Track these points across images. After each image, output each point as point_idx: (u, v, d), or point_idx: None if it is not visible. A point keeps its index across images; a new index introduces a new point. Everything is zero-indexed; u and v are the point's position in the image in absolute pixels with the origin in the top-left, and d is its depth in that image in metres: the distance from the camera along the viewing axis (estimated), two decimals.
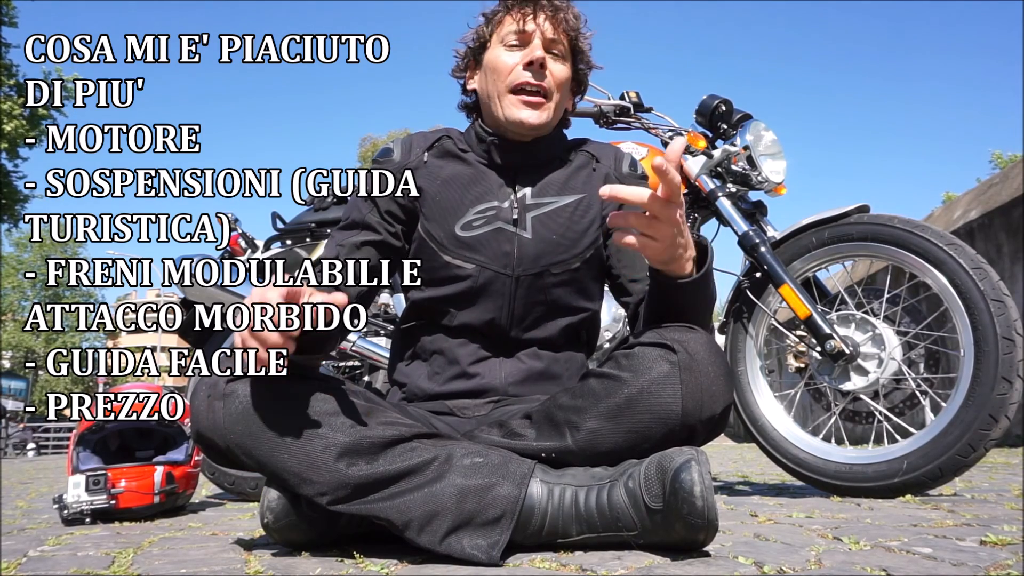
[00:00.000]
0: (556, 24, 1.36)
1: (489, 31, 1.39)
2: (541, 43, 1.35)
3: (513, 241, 1.34)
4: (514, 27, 1.35)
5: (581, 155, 1.44)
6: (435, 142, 1.42)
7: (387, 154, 1.41)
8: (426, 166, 1.39)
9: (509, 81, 1.34)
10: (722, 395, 1.14)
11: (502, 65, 1.35)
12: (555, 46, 1.36)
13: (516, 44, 1.36)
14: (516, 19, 1.35)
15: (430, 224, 1.36)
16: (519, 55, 1.35)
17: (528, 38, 1.35)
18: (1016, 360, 1.57)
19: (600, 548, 1.06)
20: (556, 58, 1.37)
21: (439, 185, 1.37)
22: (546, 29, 1.35)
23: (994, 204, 4.59)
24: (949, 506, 1.49)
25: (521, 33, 1.35)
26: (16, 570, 1.10)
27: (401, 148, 1.41)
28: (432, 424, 1.26)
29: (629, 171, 1.45)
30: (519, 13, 1.35)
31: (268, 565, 1.05)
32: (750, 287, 2.00)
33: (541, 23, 1.35)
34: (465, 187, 1.37)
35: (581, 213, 1.38)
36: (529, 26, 1.35)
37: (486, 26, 1.40)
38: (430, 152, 1.41)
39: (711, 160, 2.08)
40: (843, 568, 0.90)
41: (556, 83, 1.36)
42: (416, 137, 1.43)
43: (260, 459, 1.09)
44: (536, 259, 1.34)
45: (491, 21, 1.39)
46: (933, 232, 1.70)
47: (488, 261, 1.34)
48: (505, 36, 1.36)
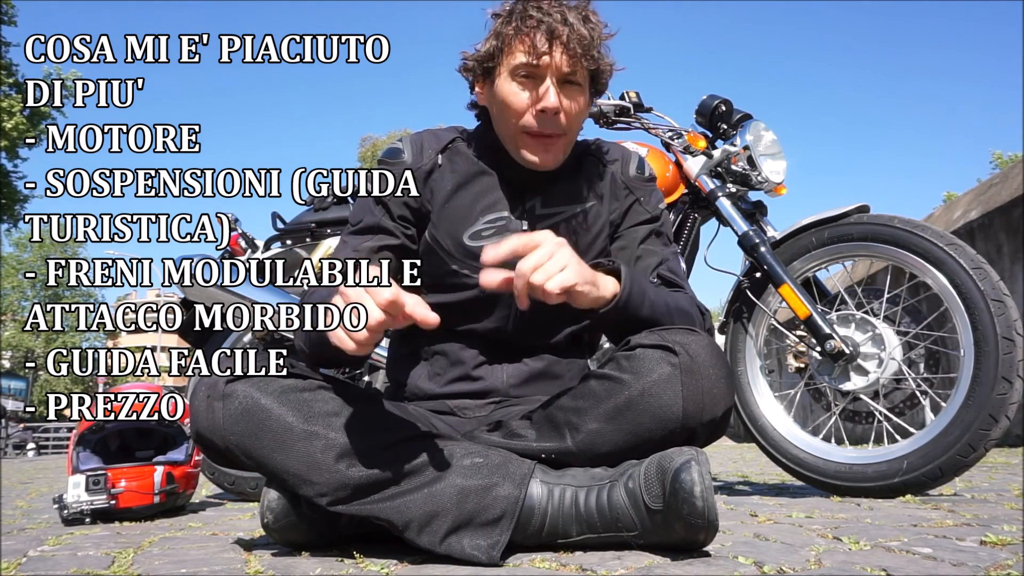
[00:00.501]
0: (573, 56, 1.22)
1: (499, 50, 1.26)
2: (556, 79, 1.23)
3: None
4: (524, 59, 1.23)
5: (589, 159, 1.40)
6: (448, 144, 1.36)
7: (396, 154, 1.35)
8: (439, 170, 1.34)
9: (520, 125, 1.26)
10: (723, 398, 1.14)
11: (512, 104, 1.25)
12: (572, 76, 1.24)
13: (526, 76, 1.24)
14: (527, 50, 1.21)
15: (438, 232, 1.33)
16: (529, 94, 1.24)
17: (540, 74, 1.23)
18: (1016, 360, 1.57)
19: (600, 548, 1.06)
20: (572, 88, 1.26)
21: (449, 191, 1.33)
22: (562, 63, 1.22)
23: (994, 204, 4.59)
24: (949, 506, 1.49)
25: (533, 67, 1.23)
26: (16, 570, 1.10)
27: (412, 148, 1.35)
28: (432, 424, 1.26)
29: (636, 173, 1.41)
30: (530, 42, 1.21)
31: (268, 565, 1.05)
32: (750, 287, 2.00)
33: (557, 57, 1.21)
34: (476, 195, 1.33)
35: (591, 222, 1.36)
36: (543, 60, 1.21)
37: (496, 41, 1.26)
38: (443, 155, 1.35)
39: (711, 160, 2.08)
40: (843, 568, 0.90)
41: (572, 117, 1.27)
42: (427, 136, 1.37)
43: (259, 460, 1.09)
44: None
45: (501, 38, 1.25)
46: (933, 232, 1.70)
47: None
48: (515, 68, 1.24)
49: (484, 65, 1.29)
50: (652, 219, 1.39)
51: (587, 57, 1.23)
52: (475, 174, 1.35)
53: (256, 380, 1.11)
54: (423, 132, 1.39)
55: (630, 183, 1.40)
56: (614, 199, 1.39)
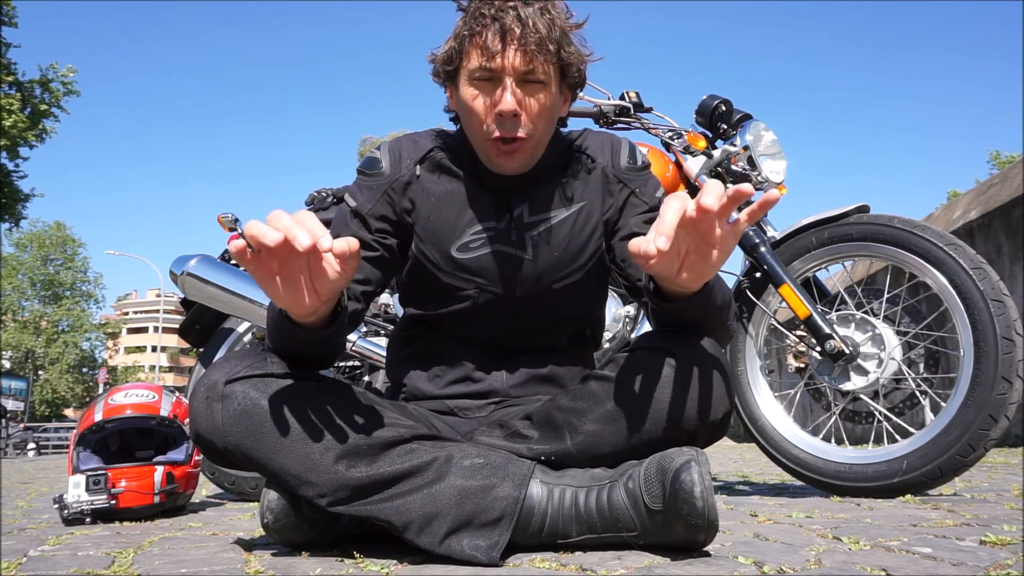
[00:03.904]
0: (527, 53, 1.16)
1: (457, 52, 1.21)
2: (513, 79, 1.17)
3: (513, 263, 1.28)
4: (479, 62, 1.17)
5: (576, 156, 1.34)
6: (427, 154, 1.31)
7: (374, 165, 1.30)
8: (419, 181, 1.29)
9: (484, 132, 1.20)
10: (723, 400, 1.13)
11: (473, 111, 1.20)
12: (531, 75, 1.18)
13: (484, 79, 1.19)
14: (480, 51, 1.17)
15: (424, 245, 1.29)
16: (489, 99, 1.19)
17: (497, 77, 1.17)
18: (1016, 360, 1.57)
19: (600, 548, 1.06)
20: (534, 86, 1.19)
21: (433, 204, 1.29)
22: (517, 63, 1.16)
23: (994, 204, 4.59)
24: (949, 506, 1.49)
25: (488, 70, 1.17)
26: (16, 570, 1.10)
27: (390, 158, 1.30)
28: (432, 424, 1.26)
29: (628, 164, 1.34)
30: (482, 43, 1.16)
31: (268, 565, 1.05)
32: (750, 287, 2.00)
33: (511, 56, 1.16)
34: (460, 207, 1.28)
35: (582, 224, 1.31)
36: (496, 62, 1.16)
37: (455, 43, 1.21)
38: (422, 165, 1.30)
39: (711, 160, 2.08)
40: (843, 568, 0.90)
41: (535, 117, 1.20)
42: (405, 144, 1.32)
43: (259, 460, 1.09)
44: (538, 279, 1.29)
45: (459, 40, 1.20)
46: (933, 232, 1.70)
47: (488, 284, 1.29)
48: (472, 71, 1.19)
49: (446, 69, 1.24)
50: (651, 208, 1.33)
51: (544, 52, 1.16)
52: (456, 184, 1.30)
53: (255, 381, 1.11)
54: (402, 139, 1.34)
55: (623, 176, 1.33)
56: (607, 195, 1.33)
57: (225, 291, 2.27)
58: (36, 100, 15.16)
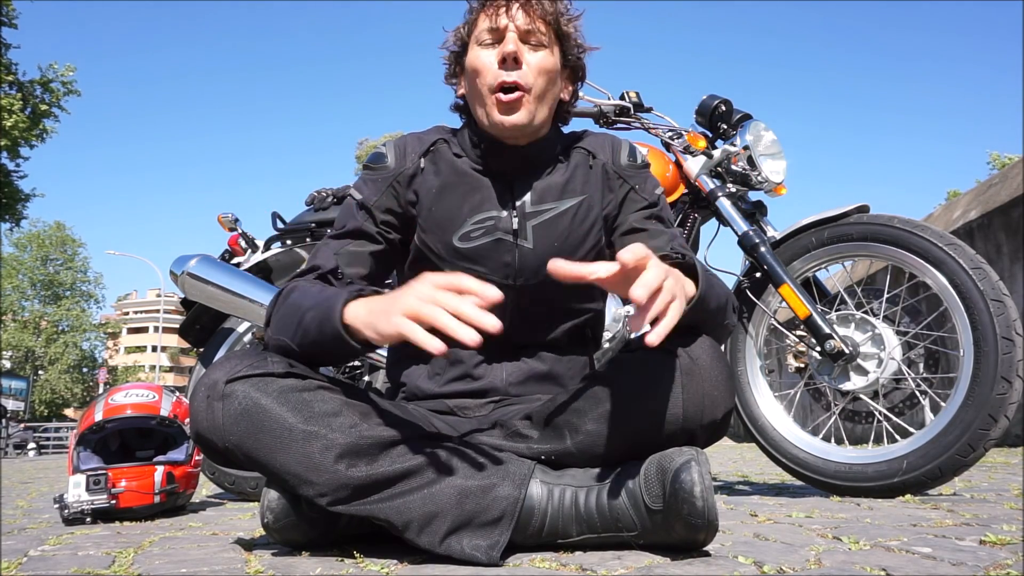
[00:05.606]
0: (530, 12, 1.28)
1: (467, 32, 1.33)
2: (516, 35, 1.27)
3: (514, 252, 1.31)
4: (487, 24, 1.29)
5: (578, 152, 1.38)
6: (431, 147, 1.36)
7: (380, 160, 1.36)
8: (423, 173, 1.34)
9: (488, 82, 1.27)
10: (723, 400, 1.13)
11: (479, 65, 1.28)
12: (532, 36, 1.28)
13: (491, 42, 1.29)
14: (489, 15, 1.29)
15: (427, 235, 1.33)
16: (495, 53, 1.28)
17: (501, 34, 1.28)
18: (1016, 360, 1.57)
19: (600, 548, 1.06)
20: (536, 47, 1.29)
21: (435, 194, 1.32)
22: (520, 21, 1.28)
23: (993, 204, 4.59)
24: (949, 506, 1.49)
25: (494, 30, 1.28)
26: (16, 570, 1.10)
27: (395, 153, 1.35)
28: (432, 423, 1.26)
29: (628, 161, 1.38)
30: (491, 8, 1.29)
31: (268, 565, 1.06)
32: (750, 287, 2.00)
33: (514, 14, 1.28)
34: (462, 196, 1.32)
35: (582, 216, 1.34)
36: (502, 21, 1.28)
37: (464, 27, 1.34)
38: (426, 158, 1.35)
39: (711, 160, 2.08)
40: (843, 568, 0.90)
41: (536, 72, 1.27)
42: (410, 140, 1.37)
43: (259, 460, 1.09)
44: (538, 269, 1.30)
45: (468, 21, 1.33)
46: (933, 232, 1.70)
47: (488, 272, 1.30)
48: (480, 35, 1.30)
49: (458, 46, 1.34)
50: (650, 205, 1.37)
51: (544, 14, 1.28)
52: (460, 175, 1.34)
53: (256, 380, 1.11)
54: (407, 136, 1.39)
55: (623, 172, 1.37)
56: (607, 191, 1.37)
57: (225, 291, 2.27)
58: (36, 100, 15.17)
